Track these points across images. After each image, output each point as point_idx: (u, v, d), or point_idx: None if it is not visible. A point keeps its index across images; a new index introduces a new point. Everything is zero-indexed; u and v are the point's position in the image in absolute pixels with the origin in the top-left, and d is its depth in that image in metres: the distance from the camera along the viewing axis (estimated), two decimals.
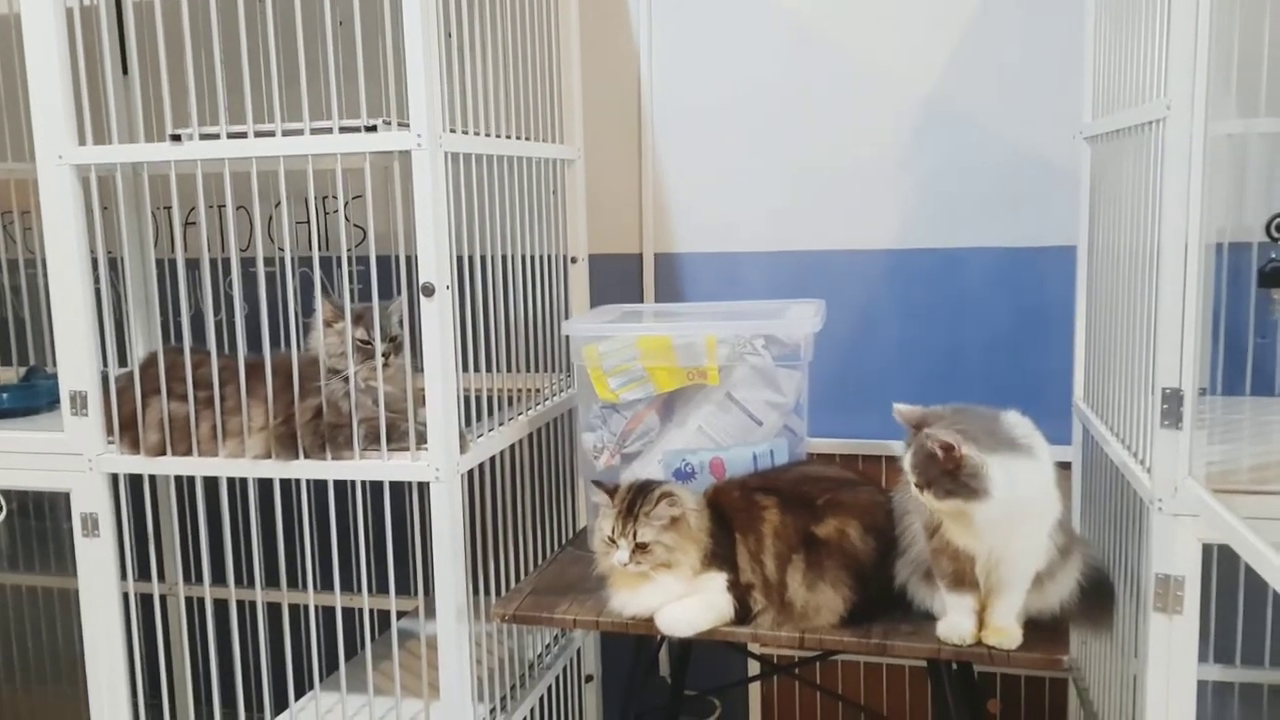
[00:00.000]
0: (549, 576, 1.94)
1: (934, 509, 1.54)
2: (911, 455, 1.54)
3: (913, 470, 1.53)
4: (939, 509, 1.53)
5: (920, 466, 1.52)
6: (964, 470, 1.48)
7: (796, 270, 2.40)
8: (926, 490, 1.51)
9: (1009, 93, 2.24)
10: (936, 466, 1.50)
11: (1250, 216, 2.01)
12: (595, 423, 2.01)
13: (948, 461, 1.48)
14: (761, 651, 2.43)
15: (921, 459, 1.52)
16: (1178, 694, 1.54)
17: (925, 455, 1.51)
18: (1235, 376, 2.04)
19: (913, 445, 1.55)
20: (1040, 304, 2.27)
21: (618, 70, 2.44)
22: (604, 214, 2.47)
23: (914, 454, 1.54)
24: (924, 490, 1.52)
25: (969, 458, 1.48)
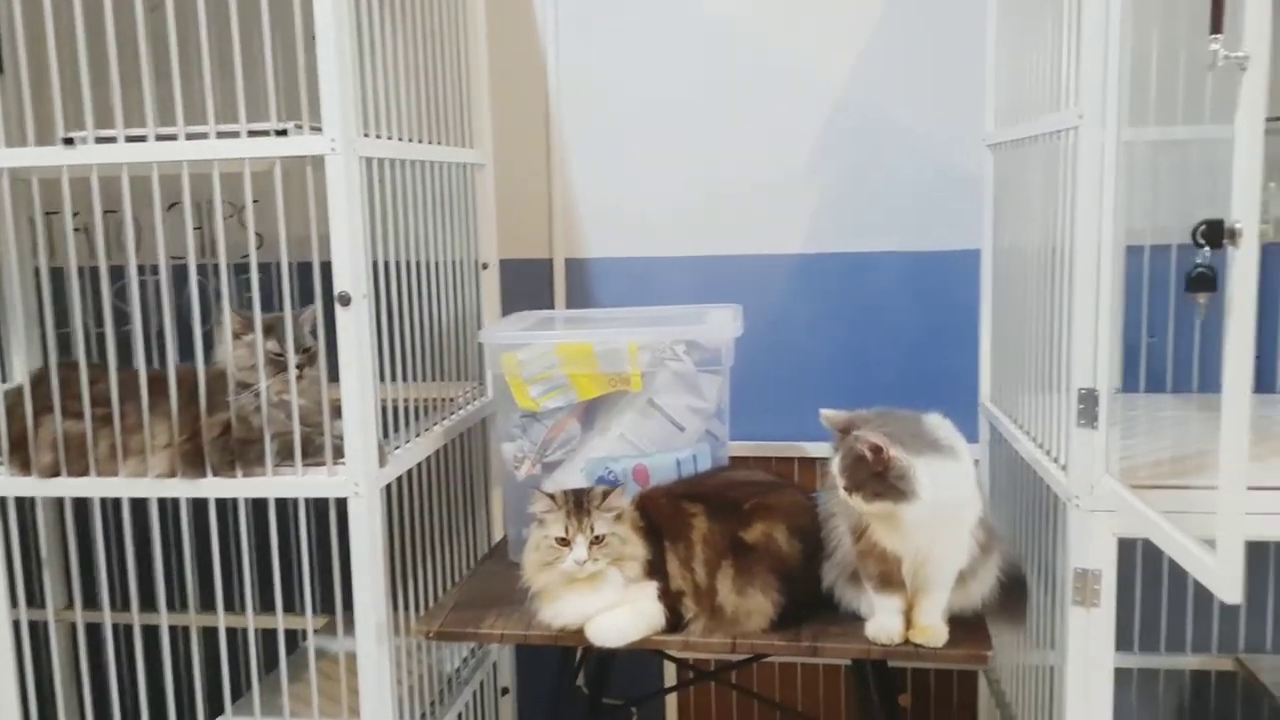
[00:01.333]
0: (471, 590, 1.90)
1: (863, 512, 1.55)
2: (840, 459, 1.56)
3: (841, 474, 1.55)
4: (868, 511, 1.55)
5: (849, 470, 1.54)
6: (892, 472, 1.51)
7: (709, 275, 2.41)
8: (855, 493, 1.53)
9: (915, 100, 2.29)
10: (865, 469, 1.51)
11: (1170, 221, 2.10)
12: (515, 432, 1.98)
13: (876, 464, 1.51)
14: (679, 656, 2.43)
15: (850, 462, 1.53)
16: (1095, 683, 1.59)
17: (854, 458, 1.53)
18: (1129, 375, 2.12)
19: (840, 449, 1.57)
20: (946, 307, 2.33)
21: (525, 74, 2.41)
22: (514, 219, 2.44)
23: (842, 458, 1.55)
24: (853, 493, 1.54)
25: (897, 460, 1.51)
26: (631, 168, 2.41)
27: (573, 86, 2.40)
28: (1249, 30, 1.07)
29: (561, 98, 2.41)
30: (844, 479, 1.54)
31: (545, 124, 2.42)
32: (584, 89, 2.40)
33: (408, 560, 1.94)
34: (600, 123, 2.40)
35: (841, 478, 1.54)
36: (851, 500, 1.54)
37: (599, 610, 1.64)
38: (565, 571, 1.61)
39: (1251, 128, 1.08)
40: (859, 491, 1.53)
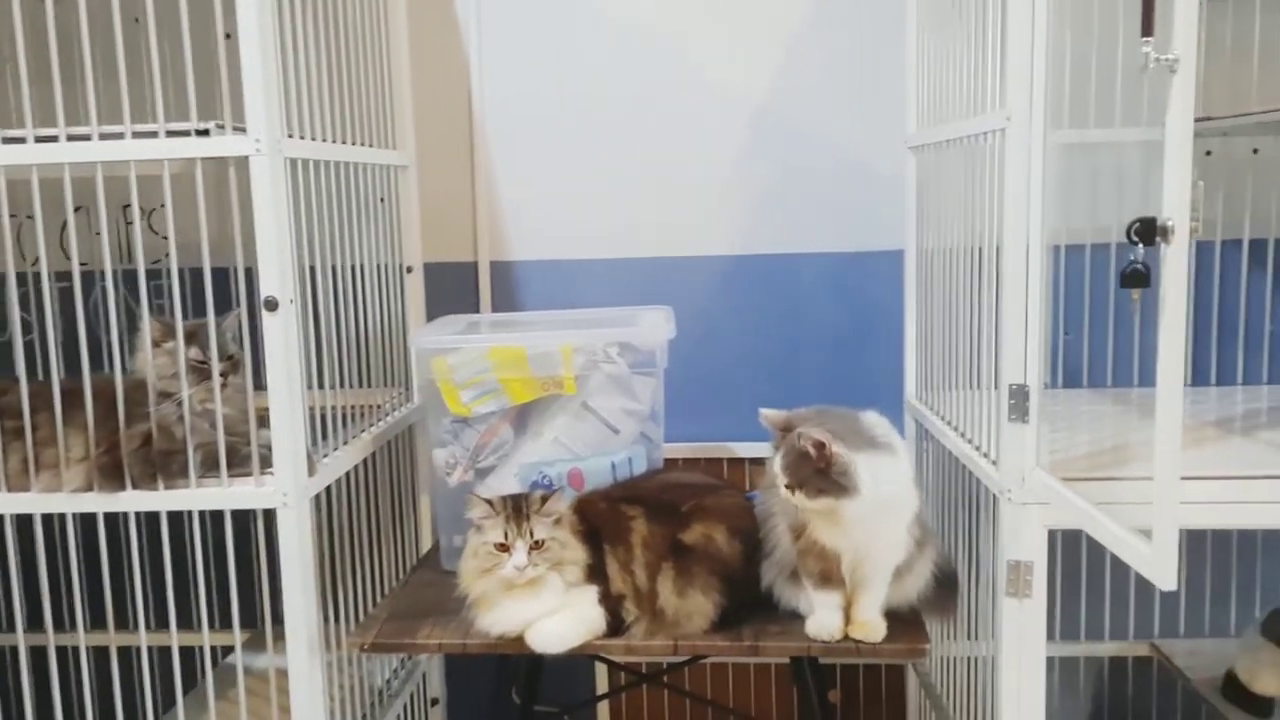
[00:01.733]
0: (404, 600, 1.87)
1: (805, 509, 1.56)
2: (782, 457, 1.56)
3: (784, 471, 1.55)
4: (810, 508, 1.56)
5: (791, 467, 1.54)
6: (834, 469, 1.52)
7: (635, 277, 2.40)
8: (799, 490, 1.54)
9: (837, 104, 2.32)
10: (808, 466, 1.52)
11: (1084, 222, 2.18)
12: (446, 438, 1.95)
13: (819, 460, 1.52)
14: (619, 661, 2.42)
15: (793, 459, 1.54)
16: (1029, 672, 1.63)
17: (797, 455, 1.54)
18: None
19: (782, 447, 1.57)
20: (871, 307, 2.36)
21: (447, 75, 2.37)
22: (437, 222, 2.40)
23: (784, 455, 1.56)
24: (795, 491, 1.55)
25: (839, 456, 1.52)
26: (556, 170, 2.39)
27: (496, 88, 2.38)
28: (1178, 33, 1.10)
29: (485, 99, 2.38)
30: (786, 476, 1.55)
31: (468, 125, 2.39)
32: (508, 91, 2.37)
33: (337, 571, 1.90)
34: (524, 124, 2.38)
35: (784, 475, 1.55)
36: (794, 498, 1.55)
37: (539, 616, 1.62)
38: (504, 578, 1.58)
39: (1181, 128, 1.11)
40: (802, 489, 1.54)
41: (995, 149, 1.60)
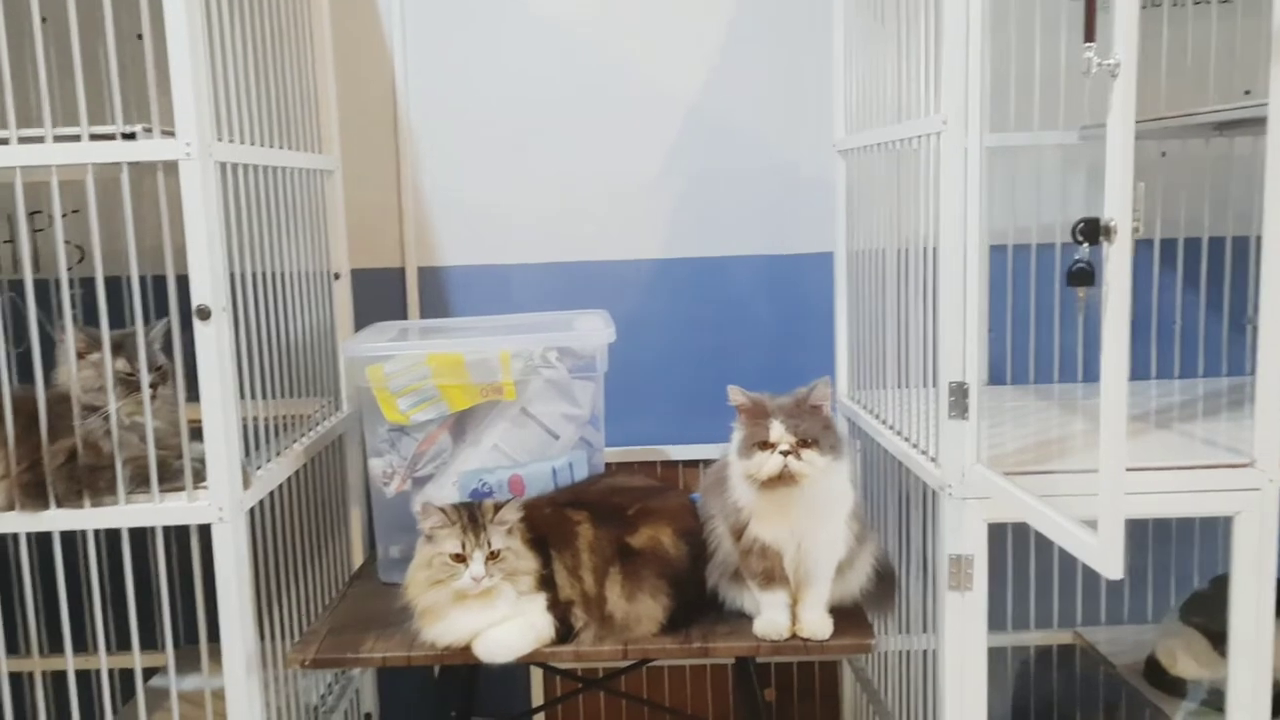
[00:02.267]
0: (344, 614, 1.82)
1: (806, 472, 1.56)
2: (786, 419, 1.56)
3: (792, 430, 1.55)
4: (818, 469, 1.56)
5: (804, 425, 1.56)
6: (834, 427, 1.58)
7: (566, 281, 2.39)
8: (810, 447, 1.55)
9: (767, 108, 2.34)
10: (819, 423, 1.57)
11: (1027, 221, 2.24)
12: (383, 447, 1.91)
13: (825, 419, 1.57)
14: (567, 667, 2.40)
15: (805, 417, 1.57)
16: (971, 663, 1.66)
17: (809, 411, 1.58)
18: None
19: (779, 412, 1.57)
20: (802, 309, 2.39)
21: (372, 78, 2.33)
22: (364, 227, 2.36)
23: (790, 417, 1.56)
24: (807, 447, 1.55)
25: (832, 416, 1.59)
26: (484, 174, 2.37)
27: (422, 92, 2.34)
28: (1119, 39, 1.14)
29: (410, 103, 2.34)
30: (796, 435, 1.55)
31: (394, 129, 2.35)
32: (433, 94, 2.34)
33: (273, 587, 1.84)
34: (451, 129, 2.35)
35: (792, 435, 1.55)
36: (801, 460, 1.55)
37: (488, 626, 1.60)
38: (460, 589, 1.56)
39: (1123, 130, 1.15)
40: (814, 445, 1.55)
41: (931, 152, 1.64)
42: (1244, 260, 2.29)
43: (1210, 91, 2.23)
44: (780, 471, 1.55)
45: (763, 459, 1.56)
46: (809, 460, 1.55)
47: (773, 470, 1.55)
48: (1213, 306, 2.32)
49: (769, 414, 1.57)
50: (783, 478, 1.55)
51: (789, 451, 1.55)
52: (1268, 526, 1.59)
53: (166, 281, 1.59)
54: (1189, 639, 2.01)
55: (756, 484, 1.58)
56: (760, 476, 1.56)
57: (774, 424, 1.56)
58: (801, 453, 1.55)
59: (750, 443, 1.58)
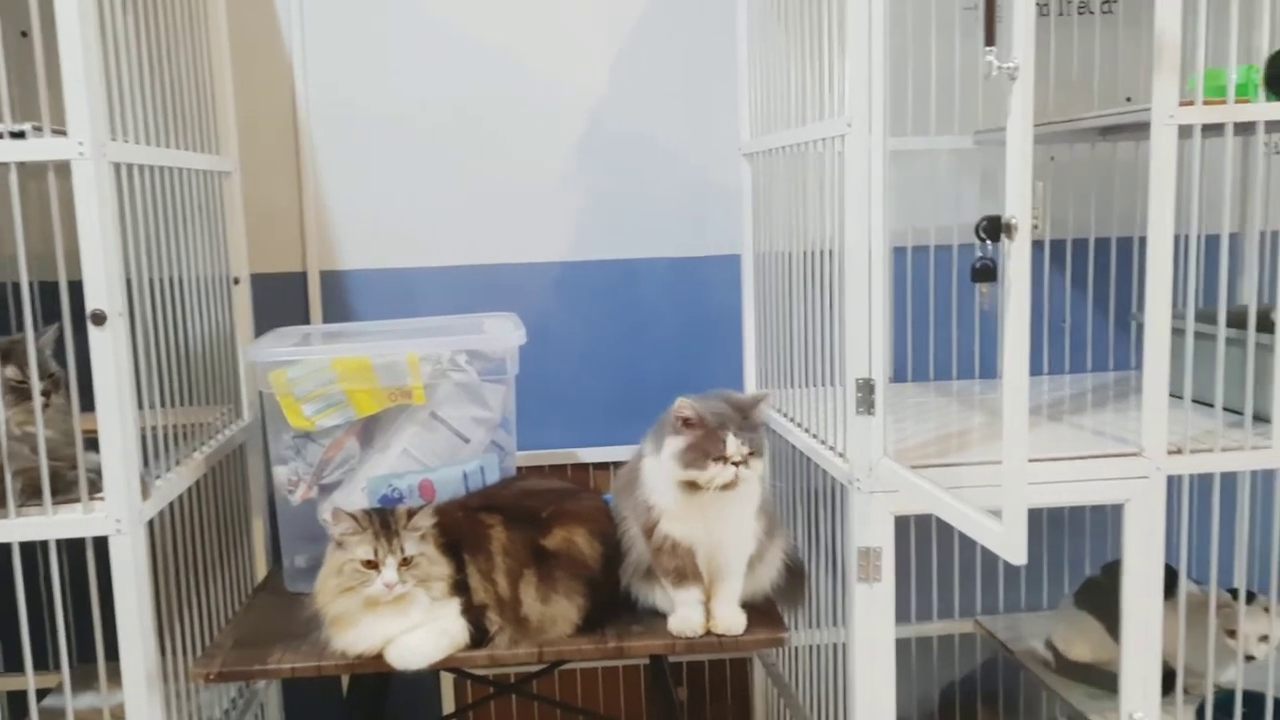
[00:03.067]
0: (249, 626, 1.78)
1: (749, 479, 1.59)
2: (740, 431, 1.58)
3: (746, 443, 1.58)
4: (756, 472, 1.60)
5: (755, 439, 1.59)
6: (761, 432, 1.61)
7: (473, 285, 2.37)
8: (755, 456, 1.59)
9: (671, 111, 2.36)
10: (760, 435, 1.60)
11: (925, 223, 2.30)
12: (288, 454, 1.87)
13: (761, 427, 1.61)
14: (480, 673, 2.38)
15: (752, 430, 1.59)
16: (880, 654, 1.70)
17: (753, 426, 1.60)
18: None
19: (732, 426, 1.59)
20: (710, 310, 2.42)
21: (270, 79, 2.28)
22: (264, 230, 2.30)
23: (741, 430, 1.58)
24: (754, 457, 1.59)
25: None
26: (388, 176, 2.34)
27: (323, 94, 2.30)
28: (1017, 43, 1.19)
29: (311, 105, 2.30)
30: (748, 449, 1.58)
31: (294, 131, 2.31)
32: (335, 96, 2.30)
33: (174, 600, 1.79)
34: (353, 130, 2.32)
35: (747, 446, 1.58)
36: (749, 469, 1.58)
37: (401, 633, 1.58)
38: (372, 596, 1.53)
39: (1022, 131, 1.19)
40: (757, 454, 1.59)
41: (834, 155, 1.67)
42: (1128, 260, 2.39)
43: (1095, 98, 2.32)
44: (733, 481, 1.58)
45: (717, 470, 1.57)
46: (753, 468, 1.59)
47: (727, 479, 1.58)
48: (1099, 304, 2.42)
49: (722, 426, 1.59)
50: (727, 485, 1.59)
51: (740, 462, 1.58)
52: (1155, 512, 1.67)
53: (59, 287, 1.53)
54: (1083, 624, 2.09)
55: (695, 490, 1.59)
56: (714, 486, 1.58)
57: (730, 439, 1.58)
58: (749, 461, 1.58)
59: (702, 453, 1.58)
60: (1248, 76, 1.63)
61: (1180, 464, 1.67)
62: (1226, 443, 1.68)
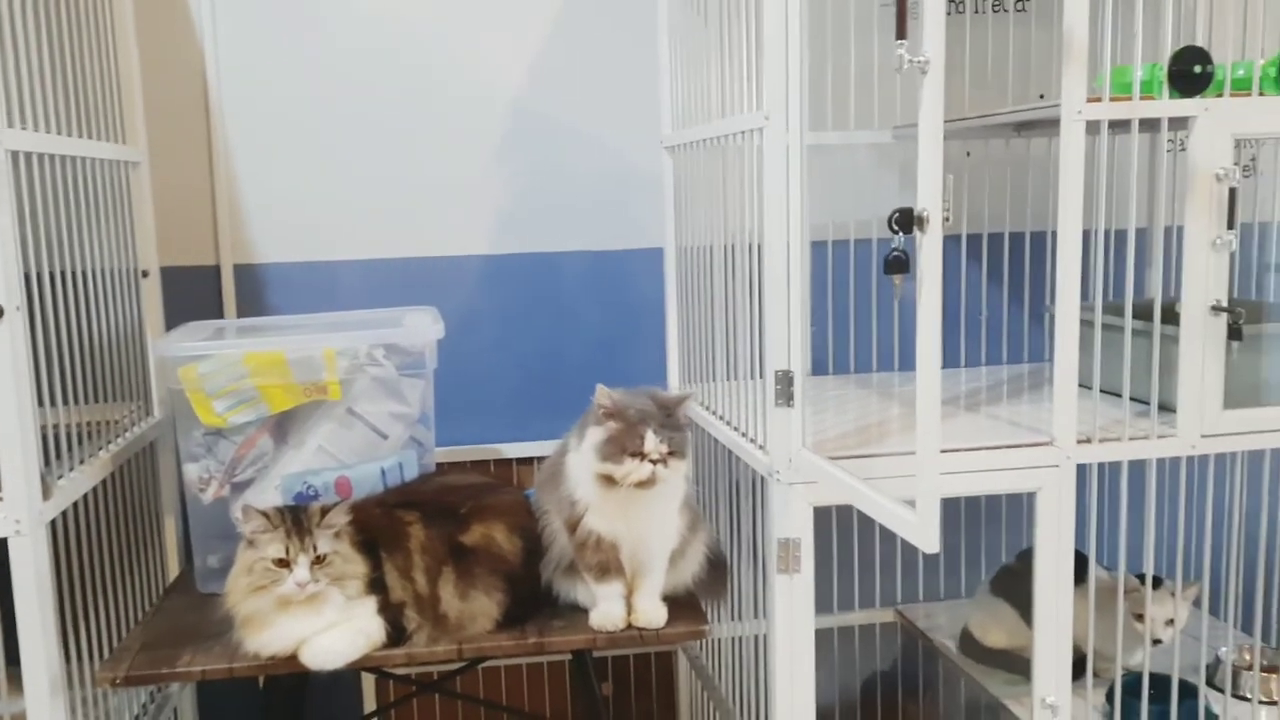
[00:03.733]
0: (157, 628, 1.73)
1: (668, 478, 1.59)
2: (660, 429, 1.58)
3: (665, 441, 1.58)
4: (674, 475, 1.60)
5: (676, 438, 1.59)
6: (686, 432, 1.62)
7: (392, 278, 2.34)
8: (675, 455, 1.59)
9: (594, 104, 2.35)
10: (682, 433, 1.61)
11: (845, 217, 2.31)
12: (198, 451, 1.82)
13: (683, 426, 1.62)
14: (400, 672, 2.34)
15: (674, 429, 1.60)
16: (800, 644, 1.71)
17: (676, 426, 1.61)
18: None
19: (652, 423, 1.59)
20: (633, 304, 2.41)
21: (180, 68, 2.22)
22: (175, 222, 2.24)
23: (661, 427, 1.58)
24: (673, 456, 1.59)
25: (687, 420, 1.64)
26: (305, 168, 2.29)
27: (236, 84, 2.24)
28: (928, 37, 1.20)
29: (224, 95, 2.24)
30: (667, 447, 1.58)
31: (206, 122, 2.25)
32: (248, 86, 2.25)
33: (79, 603, 1.73)
34: (268, 122, 2.26)
35: (664, 447, 1.58)
36: (668, 468, 1.58)
37: (315, 633, 1.55)
38: (284, 595, 1.50)
39: (933, 124, 1.20)
40: (678, 454, 1.59)
41: (753, 148, 1.68)
42: (1041, 254, 2.44)
43: (1009, 95, 2.37)
44: (649, 478, 1.58)
45: (633, 466, 1.57)
46: (673, 468, 1.60)
47: (642, 477, 1.57)
48: (1014, 298, 2.47)
49: (642, 421, 1.58)
50: (644, 483, 1.58)
51: (658, 460, 1.57)
52: (1066, 500, 1.70)
53: None
54: (998, 611, 2.13)
55: (611, 484, 1.59)
56: (628, 482, 1.58)
57: (649, 435, 1.57)
58: (669, 461, 1.58)
59: (619, 447, 1.58)
60: (1152, 74, 1.67)
61: (1089, 453, 1.71)
62: (1134, 432, 1.73)
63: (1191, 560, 1.90)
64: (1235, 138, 1.67)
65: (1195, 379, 1.71)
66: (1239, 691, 1.99)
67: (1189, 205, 1.68)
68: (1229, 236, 1.67)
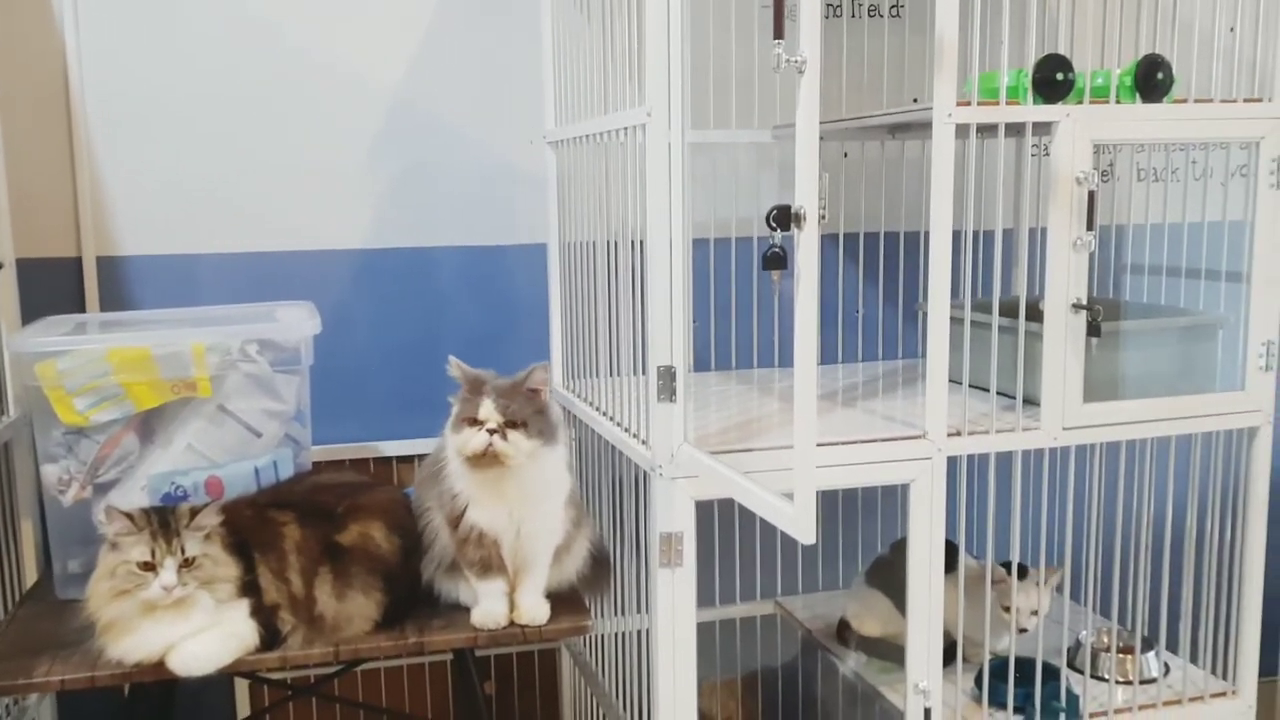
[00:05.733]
0: (12, 637, 1.65)
1: (511, 453, 1.57)
2: (498, 398, 1.57)
3: (502, 410, 1.56)
4: (523, 450, 1.57)
5: (515, 405, 1.57)
6: (548, 413, 1.60)
7: (265, 272, 2.27)
8: (518, 429, 1.56)
9: (475, 98, 2.32)
10: (531, 405, 1.58)
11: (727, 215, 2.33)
12: (58, 452, 1.74)
13: (539, 402, 1.59)
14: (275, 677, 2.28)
15: (516, 398, 1.58)
16: (682, 637, 1.73)
17: (523, 394, 1.59)
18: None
19: (491, 393, 1.58)
20: (516, 300, 2.39)
21: (38, 49, 2.12)
22: (32, 212, 2.14)
23: (500, 396, 1.57)
24: (514, 429, 1.56)
25: (549, 402, 1.59)
26: (173, 158, 2.20)
27: (98, 70, 2.15)
28: (805, 37, 1.22)
29: (85, 81, 2.14)
30: (504, 415, 1.56)
31: (66, 108, 2.14)
32: (113, 71, 2.16)
33: None
34: (134, 108, 2.17)
35: (500, 414, 1.56)
36: (506, 441, 1.56)
37: (183, 638, 1.49)
38: (149, 599, 1.44)
39: (809, 122, 1.23)
40: (523, 427, 1.56)
41: (636, 144, 1.68)
42: (915, 253, 2.52)
43: (884, 98, 2.43)
44: (485, 450, 1.56)
45: (469, 434, 1.57)
46: (514, 442, 1.57)
47: (477, 448, 1.56)
48: (889, 296, 2.54)
49: (482, 392, 1.57)
50: (487, 456, 1.56)
51: (495, 430, 1.56)
52: (937, 491, 1.76)
53: None
54: (873, 600, 2.18)
55: (466, 463, 1.58)
56: (465, 452, 1.57)
57: (484, 402, 1.57)
58: (508, 433, 1.57)
59: (460, 418, 1.59)
60: (1018, 80, 1.73)
61: (959, 445, 1.76)
62: (1000, 425, 1.79)
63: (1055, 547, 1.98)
64: (1094, 143, 1.74)
65: (1057, 374, 1.79)
66: (1098, 672, 2.08)
67: (1051, 207, 1.75)
68: (1088, 237, 1.74)
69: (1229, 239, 1.95)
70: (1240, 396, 1.92)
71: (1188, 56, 1.83)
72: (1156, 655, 2.10)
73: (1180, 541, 2.00)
